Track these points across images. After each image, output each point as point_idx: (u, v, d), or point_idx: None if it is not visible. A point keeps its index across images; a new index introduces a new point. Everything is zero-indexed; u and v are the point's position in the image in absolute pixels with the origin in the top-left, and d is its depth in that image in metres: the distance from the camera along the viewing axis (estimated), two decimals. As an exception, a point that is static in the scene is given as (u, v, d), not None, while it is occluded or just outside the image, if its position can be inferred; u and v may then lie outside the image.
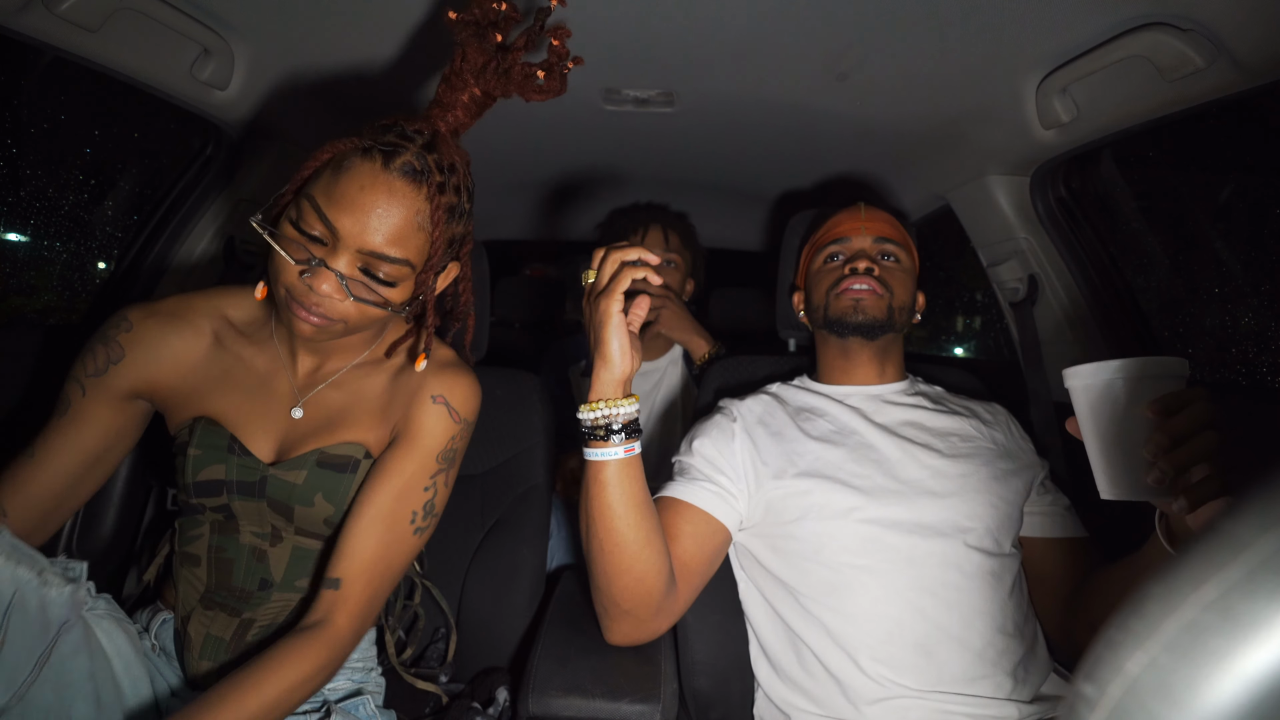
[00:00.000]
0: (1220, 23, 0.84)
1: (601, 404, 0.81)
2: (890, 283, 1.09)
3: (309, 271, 0.75)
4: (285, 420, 0.89)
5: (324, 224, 0.74)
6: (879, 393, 1.10)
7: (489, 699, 1.08)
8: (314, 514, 0.87)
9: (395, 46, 1.13)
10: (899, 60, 1.10)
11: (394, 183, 0.74)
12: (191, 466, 0.85)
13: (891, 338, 1.11)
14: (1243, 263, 1.63)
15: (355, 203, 0.73)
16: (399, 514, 0.86)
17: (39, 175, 1.59)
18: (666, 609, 0.92)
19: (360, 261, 0.76)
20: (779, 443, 1.04)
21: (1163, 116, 1.01)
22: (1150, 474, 0.65)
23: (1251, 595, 0.21)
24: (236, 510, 0.87)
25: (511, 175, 1.86)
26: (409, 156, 0.75)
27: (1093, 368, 0.70)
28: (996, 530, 0.95)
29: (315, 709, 0.88)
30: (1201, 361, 1.49)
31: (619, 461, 0.82)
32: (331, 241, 0.75)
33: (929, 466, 0.99)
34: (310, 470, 0.86)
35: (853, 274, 1.08)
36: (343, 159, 0.76)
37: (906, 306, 1.11)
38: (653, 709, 0.92)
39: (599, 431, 0.82)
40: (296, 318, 0.77)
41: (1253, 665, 0.21)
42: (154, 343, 0.86)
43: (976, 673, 0.88)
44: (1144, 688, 0.23)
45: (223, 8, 1.01)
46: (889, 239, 1.13)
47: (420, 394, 0.90)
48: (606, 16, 1.02)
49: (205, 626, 0.87)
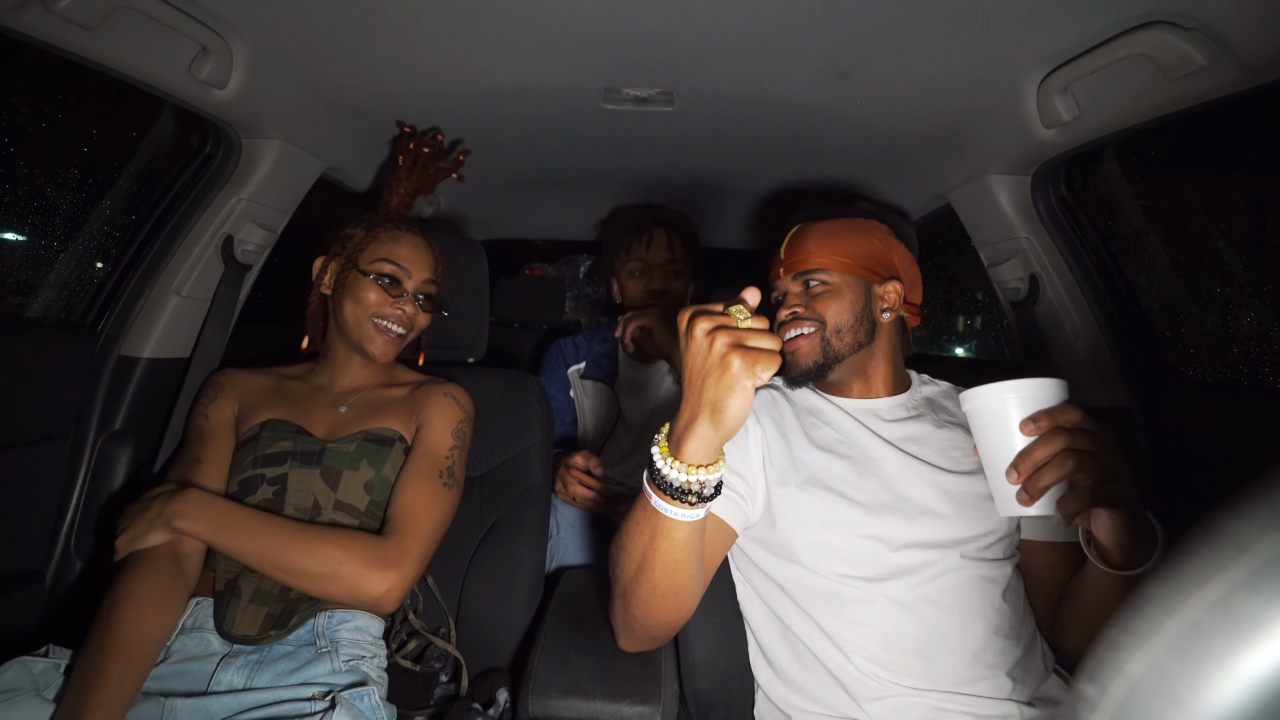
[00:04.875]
0: (1222, 21, 0.84)
1: (699, 469, 0.70)
2: (819, 311, 1.03)
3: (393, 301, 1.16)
4: (334, 413, 1.17)
5: (399, 269, 1.17)
6: (878, 408, 1.07)
7: (489, 700, 1.08)
8: (357, 479, 1.08)
9: (393, 45, 1.13)
10: (899, 59, 1.10)
11: (424, 242, 1.23)
12: (264, 443, 1.09)
13: (859, 358, 1.05)
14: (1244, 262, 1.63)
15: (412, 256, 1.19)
16: (430, 472, 1.11)
17: (36, 174, 1.59)
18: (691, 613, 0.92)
19: (421, 289, 1.20)
20: (784, 445, 1.03)
21: (1164, 115, 1.00)
22: (1018, 494, 0.70)
23: (1254, 596, 0.21)
24: (292, 480, 1.06)
25: (511, 175, 1.86)
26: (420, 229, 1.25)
27: (979, 390, 0.73)
28: (995, 542, 0.95)
29: (322, 696, 0.91)
30: (1203, 361, 1.48)
31: (695, 521, 0.75)
32: (403, 282, 1.17)
33: (932, 484, 0.97)
34: (359, 443, 1.11)
35: (784, 324, 1.05)
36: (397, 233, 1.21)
37: (846, 325, 1.03)
38: (653, 710, 0.92)
39: (688, 497, 0.71)
40: (377, 344, 1.15)
41: (1255, 666, 0.21)
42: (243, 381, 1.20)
43: (974, 674, 0.88)
44: (1146, 688, 0.23)
45: (221, 6, 1.01)
46: (810, 268, 1.05)
47: (433, 392, 1.21)
48: (606, 16, 1.01)
49: (255, 583, 1.01)
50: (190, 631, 0.98)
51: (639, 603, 0.83)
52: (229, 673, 0.93)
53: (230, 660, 0.94)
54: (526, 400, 1.34)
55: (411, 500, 1.07)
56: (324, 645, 0.99)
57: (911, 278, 1.11)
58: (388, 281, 1.15)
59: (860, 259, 1.05)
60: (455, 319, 1.35)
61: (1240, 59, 0.85)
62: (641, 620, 0.86)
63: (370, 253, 1.17)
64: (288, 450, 1.09)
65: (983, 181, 1.39)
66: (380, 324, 1.14)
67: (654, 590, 0.81)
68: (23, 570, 1.15)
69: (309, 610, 1.00)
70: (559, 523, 1.64)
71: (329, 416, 1.16)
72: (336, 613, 1.03)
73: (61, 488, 1.20)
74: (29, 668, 0.85)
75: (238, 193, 1.31)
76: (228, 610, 0.98)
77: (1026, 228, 1.38)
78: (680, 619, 0.87)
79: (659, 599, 0.82)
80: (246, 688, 0.92)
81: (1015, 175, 1.35)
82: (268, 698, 0.90)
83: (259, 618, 0.98)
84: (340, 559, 0.96)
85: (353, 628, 1.03)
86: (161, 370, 1.30)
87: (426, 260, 1.20)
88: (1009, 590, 0.95)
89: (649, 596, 0.82)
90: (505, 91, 1.29)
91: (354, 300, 1.15)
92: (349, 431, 1.13)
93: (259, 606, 0.99)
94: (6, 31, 0.86)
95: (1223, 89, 0.90)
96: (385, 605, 0.99)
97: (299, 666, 0.95)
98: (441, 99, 1.33)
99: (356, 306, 1.15)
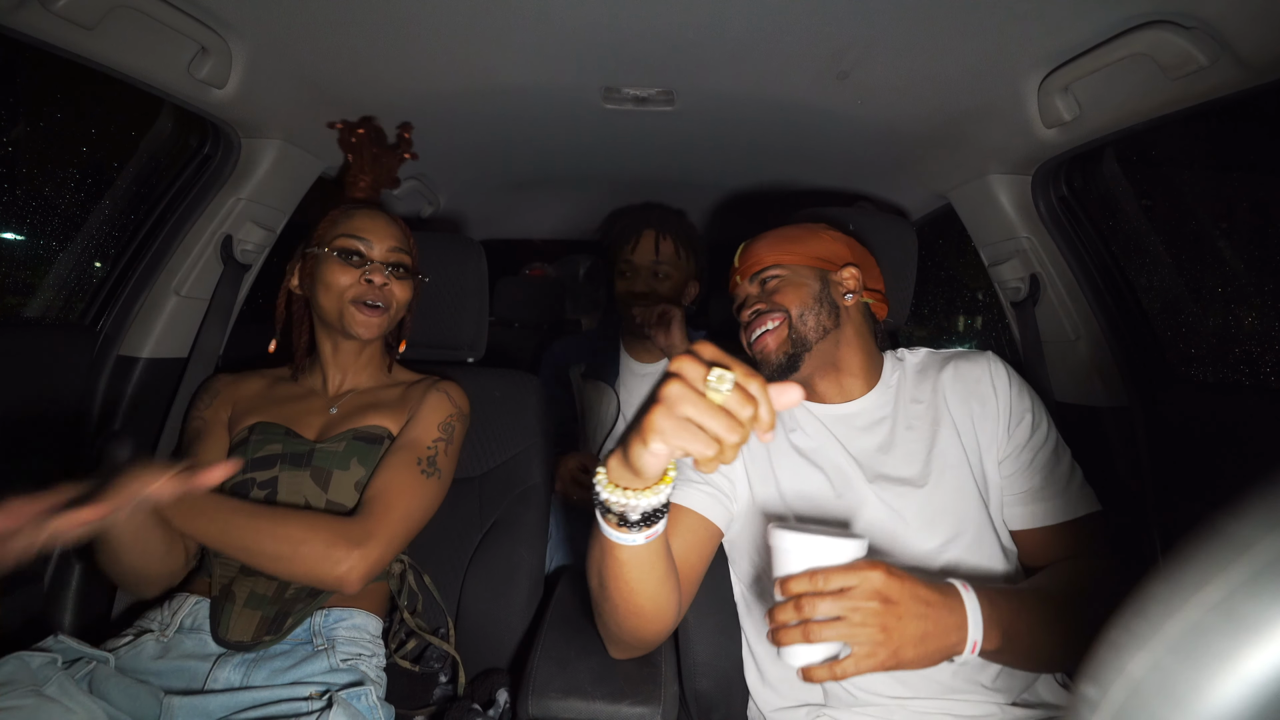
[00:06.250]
0: (1223, 20, 0.84)
1: (628, 492, 0.67)
2: (780, 301, 1.03)
3: (366, 273, 1.11)
4: (325, 415, 1.15)
5: (360, 242, 1.12)
6: (849, 415, 1.04)
7: (489, 700, 1.08)
8: (348, 478, 1.07)
9: (393, 45, 1.13)
10: (900, 59, 1.09)
11: (383, 214, 1.19)
12: (253, 446, 1.08)
13: (827, 347, 1.03)
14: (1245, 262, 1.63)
15: (372, 226, 1.15)
16: (408, 460, 1.09)
17: (36, 174, 1.59)
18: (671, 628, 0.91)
19: (390, 258, 1.14)
20: (764, 449, 1.03)
21: (1165, 115, 1.00)
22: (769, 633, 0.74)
23: (1255, 596, 0.21)
24: (282, 482, 1.06)
25: (511, 175, 1.86)
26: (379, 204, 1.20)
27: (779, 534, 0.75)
28: (966, 552, 0.94)
29: (319, 695, 0.92)
30: (1204, 361, 1.48)
31: (639, 547, 0.72)
32: (366, 254, 1.13)
33: (900, 507, 0.95)
34: (348, 443, 1.10)
35: (749, 325, 1.05)
36: (354, 210, 1.17)
37: (808, 309, 1.02)
38: (653, 711, 0.91)
39: (613, 519, 0.70)
40: (358, 321, 1.11)
41: (1256, 667, 0.21)
42: (236, 385, 1.19)
43: (955, 683, 0.88)
44: (1147, 689, 0.23)
45: (220, 6, 1.01)
46: (763, 266, 1.06)
47: (427, 387, 1.20)
48: (607, 15, 1.01)
49: (249, 587, 1.01)
50: (188, 631, 0.98)
51: (608, 619, 0.84)
52: (225, 670, 0.93)
53: (226, 659, 0.95)
54: (526, 400, 1.34)
55: (385, 484, 1.05)
56: (320, 643, 0.99)
57: (869, 265, 1.11)
58: (353, 258, 1.12)
59: (810, 251, 1.06)
60: (455, 319, 1.35)
61: (1241, 58, 0.85)
62: (615, 634, 0.87)
63: (328, 234, 1.14)
64: (277, 453, 1.08)
65: (983, 181, 1.38)
66: (356, 304, 1.11)
67: (615, 610, 0.81)
68: (22, 570, 1.14)
69: (304, 611, 1.00)
70: (557, 522, 1.63)
71: (320, 418, 1.14)
72: (333, 610, 1.03)
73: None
74: (27, 663, 0.85)
75: (237, 192, 1.31)
76: (222, 616, 0.98)
77: (1027, 227, 1.38)
78: (655, 633, 0.86)
79: (623, 618, 0.81)
80: (243, 686, 0.92)
81: (1016, 175, 1.35)
82: (264, 696, 0.90)
83: (253, 622, 0.98)
84: (301, 538, 0.93)
85: (349, 625, 1.03)
86: (160, 370, 1.30)
87: (388, 229, 1.16)
88: (985, 579, 0.93)
89: (613, 614, 0.82)
90: (505, 91, 1.29)
91: (324, 286, 1.11)
92: (338, 431, 1.12)
93: (253, 610, 0.99)
94: (6, 31, 0.86)
95: (1223, 89, 0.90)
96: (347, 585, 0.94)
97: (295, 664, 0.96)
98: (441, 99, 1.33)
99: (328, 292, 1.11)
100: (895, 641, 0.70)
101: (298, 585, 1.02)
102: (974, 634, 0.74)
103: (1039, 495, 0.95)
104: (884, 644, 0.70)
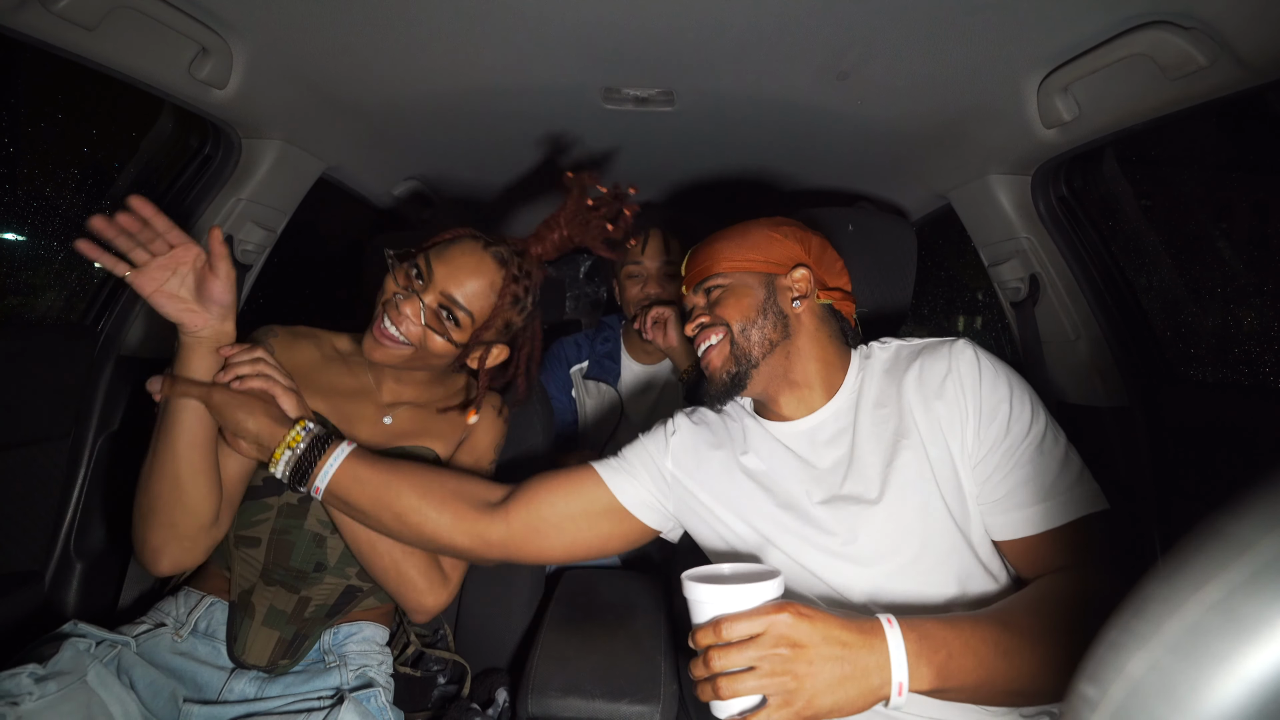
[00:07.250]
0: (1223, 20, 0.84)
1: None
2: (721, 315, 0.97)
3: (403, 295, 0.98)
4: (379, 425, 1.09)
5: (426, 268, 0.99)
6: (809, 430, 0.97)
7: (488, 700, 1.08)
8: None
9: (393, 45, 1.13)
10: (900, 59, 1.09)
11: (484, 258, 1.00)
12: None
13: (777, 360, 0.96)
14: (1245, 262, 1.63)
15: (453, 261, 0.99)
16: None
17: (36, 174, 1.59)
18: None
19: (441, 301, 0.98)
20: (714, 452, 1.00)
21: (1165, 115, 1.00)
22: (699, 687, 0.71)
23: (1255, 596, 0.21)
24: None
25: (511, 174, 1.86)
26: (501, 249, 1.02)
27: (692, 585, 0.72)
28: (931, 574, 0.86)
29: (330, 694, 0.94)
30: (1204, 361, 1.48)
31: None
32: (426, 281, 0.98)
33: (855, 528, 0.88)
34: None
35: (695, 339, 1.01)
36: (458, 237, 1.03)
37: (751, 322, 0.95)
38: (652, 710, 0.91)
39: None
40: (370, 336, 0.99)
41: (1256, 667, 0.21)
42: (290, 347, 1.09)
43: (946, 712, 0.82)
44: (1146, 689, 0.23)
45: (221, 6, 1.01)
46: (706, 275, 1.00)
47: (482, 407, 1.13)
48: (606, 15, 1.01)
49: (268, 600, 0.99)
50: (203, 636, 0.98)
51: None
52: (240, 683, 0.95)
53: (242, 672, 0.96)
54: (527, 400, 1.34)
55: None
56: (332, 660, 1.00)
57: (828, 261, 1.03)
58: (412, 273, 0.99)
59: (753, 255, 0.99)
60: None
61: (1241, 58, 0.85)
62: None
63: (428, 241, 1.04)
64: None
65: (983, 181, 1.38)
66: (376, 324, 0.99)
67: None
68: (23, 570, 1.15)
69: (319, 632, 1.01)
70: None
71: (372, 426, 1.08)
72: (342, 627, 1.04)
73: (61, 488, 1.19)
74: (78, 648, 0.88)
75: (237, 193, 1.31)
76: (239, 631, 0.97)
77: (1027, 228, 1.38)
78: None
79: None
80: (258, 697, 0.94)
81: (1015, 175, 1.35)
82: (278, 705, 0.92)
83: (270, 644, 0.97)
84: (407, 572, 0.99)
85: (360, 639, 1.04)
86: (161, 370, 1.29)
87: (465, 279, 0.98)
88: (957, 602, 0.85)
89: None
90: (505, 91, 1.29)
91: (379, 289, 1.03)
92: (390, 446, 1.07)
93: (271, 630, 0.98)
94: (6, 31, 0.86)
95: (1223, 89, 0.90)
96: (423, 616, 1.03)
97: (309, 679, 0.97)
98: (442, 99, 1.33)
99: (379, 291, 1.02)
100: (809, 689, 0.66)
101: (316, 606, 1.00)
102: (898, 675, 0.67)
103: (1019, 501, 0.84)
104: (797, 692, 0.66)
